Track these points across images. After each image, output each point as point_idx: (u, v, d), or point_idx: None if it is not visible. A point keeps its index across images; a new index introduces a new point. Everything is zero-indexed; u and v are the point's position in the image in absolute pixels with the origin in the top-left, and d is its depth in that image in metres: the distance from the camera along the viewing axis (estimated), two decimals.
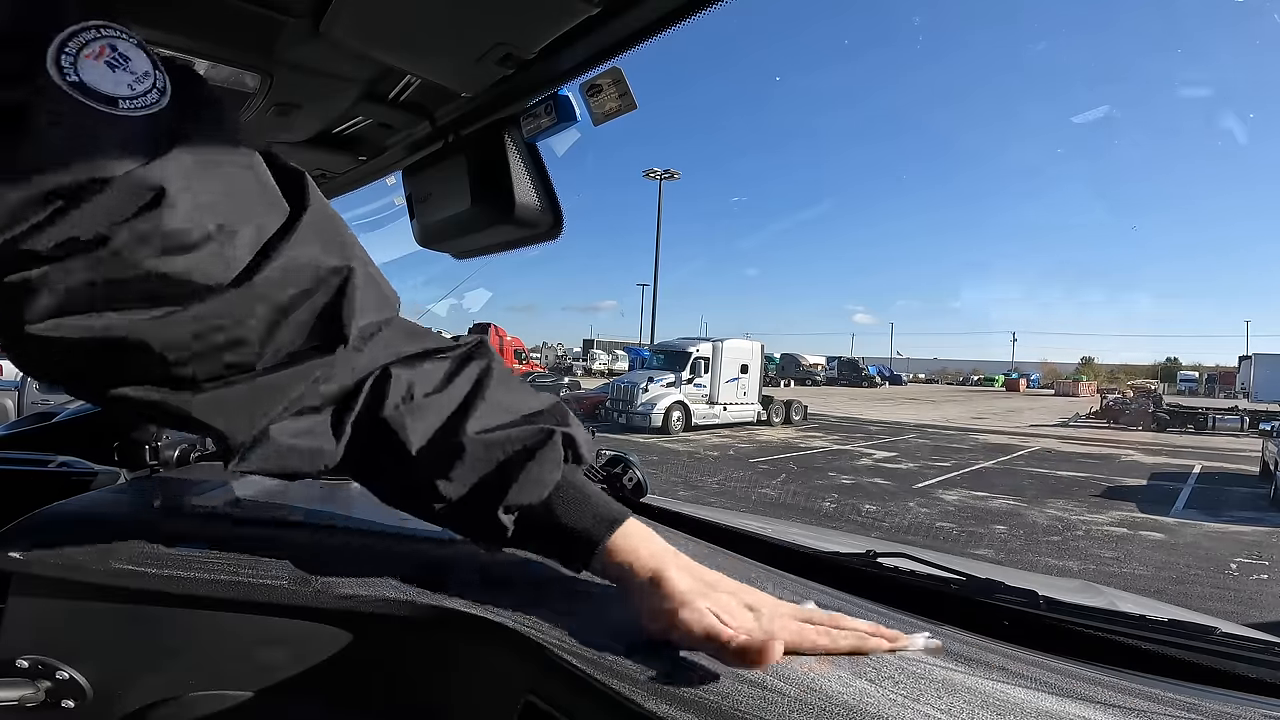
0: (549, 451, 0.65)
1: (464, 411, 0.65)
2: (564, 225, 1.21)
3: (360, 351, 0.62)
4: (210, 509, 0.86)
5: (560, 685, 0.60)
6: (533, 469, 0.64)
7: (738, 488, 11.10)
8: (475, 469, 0.64)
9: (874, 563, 0.90)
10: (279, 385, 0.58)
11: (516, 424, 0.66)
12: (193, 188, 0.51)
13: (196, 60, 0.98)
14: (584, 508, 0.67)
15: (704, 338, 20.98)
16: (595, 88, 1.02)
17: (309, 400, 0.60)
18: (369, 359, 0.62)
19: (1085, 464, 15.04)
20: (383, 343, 0.64)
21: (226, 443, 0.59)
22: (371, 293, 0.61)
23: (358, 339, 0.60)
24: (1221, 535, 8.92)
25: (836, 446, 17.03)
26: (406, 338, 0.66)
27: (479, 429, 0.64)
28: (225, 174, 0.55)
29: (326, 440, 0.62)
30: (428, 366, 0.66)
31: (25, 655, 0.68)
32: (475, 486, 0.64)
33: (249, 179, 0.57)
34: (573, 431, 0.68)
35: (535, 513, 0.66)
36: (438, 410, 0.64)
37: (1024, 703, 0.55)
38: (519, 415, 0.67)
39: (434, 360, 0.67)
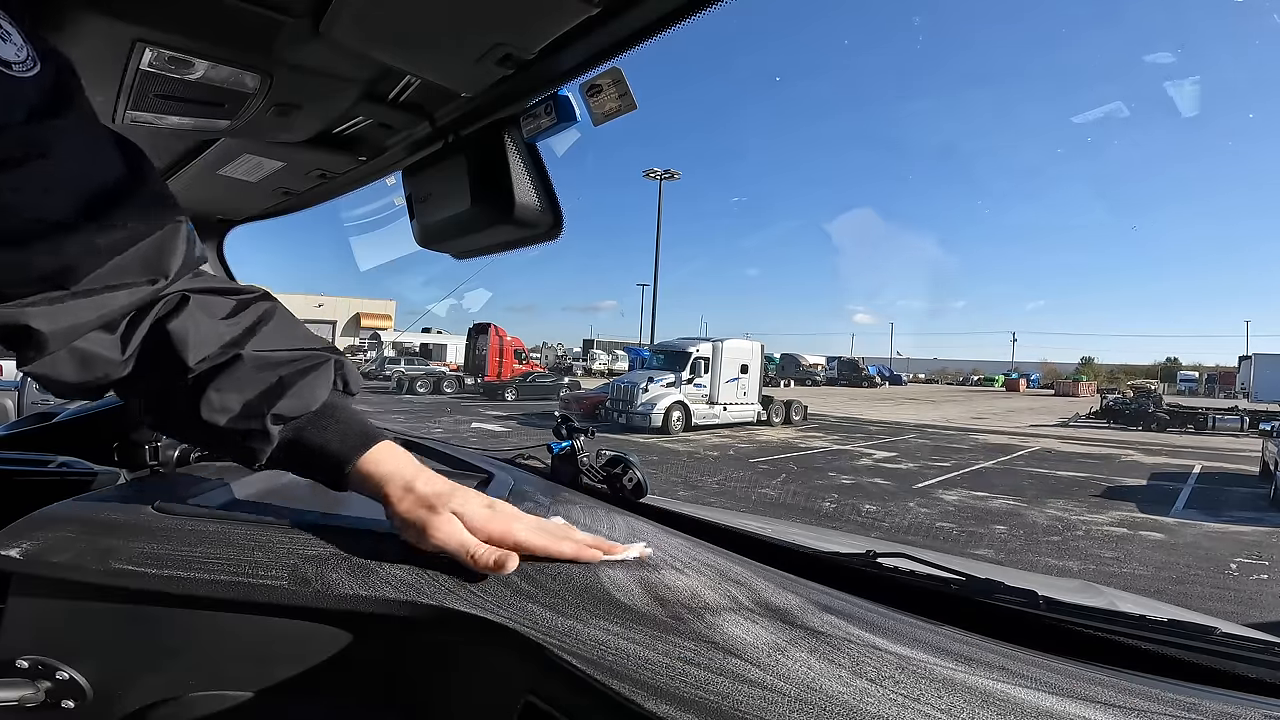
0: (320, 374, 0.76)
1: (245, 336, 0.75)
2: (564, 226, 1.21)
3: (169, 283, 0.73)
4: (210, 509, 0.85)
5: (560, 685, 0.60)
6: (303, 386, 0.74)
7: (738, 488, 11.10)
8: (249, 382, 0.72)
9: (874, 563, 0.90)
10: (101, 303, 0.68)
11: (292, 350, 0.76)
12: (65, 145, 0.64)
13: (196, 60, 0.98)
14: (345, 430, 0.76)
15: (704, 338, 20.99)
16: (595, 88, 1.02)
17: (113, 317, 0.70)
18: (173, 289, 0.73)
19: (1085, 464, 15.04)
20: (186, 281, 0.74)
21: (41, 339, 0.66)
22: (188, 246, 0.74)
23: (173, 277, 0.72)
24: (1221, 535, 8.93)
25: (836, 446, 17.02)
26: (208, 281, 0.77)
27: (256, 349, 0.74)
28: (88, 138, 0.68)
29: (114, 350, 0.71)
30: (220, 300, 0.76)
31: (25, 655, 0.68)
32: (248, 401, 0.72)
33: (105, 143, 0.71)
34: (345, 363, 0.78)
35: (301, 433, 0.75)
36: (219, 332, 0.74)
37: (1024, 702, 0.55)
38: (296, 346, 0.77)
39: (227, 297, 0.77)
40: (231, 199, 1.76)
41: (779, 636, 0.67)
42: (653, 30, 0.88)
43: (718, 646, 0.63)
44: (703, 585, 0.77)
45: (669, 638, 0.65)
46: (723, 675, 0.57)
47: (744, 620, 0.70)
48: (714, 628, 0.68)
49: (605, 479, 1.28)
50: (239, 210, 1.89)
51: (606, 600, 0.71)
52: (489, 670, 0.68)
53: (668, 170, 37.31)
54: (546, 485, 1.23)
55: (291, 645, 0.71)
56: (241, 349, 0.73)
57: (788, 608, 0.74)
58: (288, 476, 1.04)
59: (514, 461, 1.42)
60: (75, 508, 0.85)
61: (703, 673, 0.58)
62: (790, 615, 0.72)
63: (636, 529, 1.03)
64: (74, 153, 0.67)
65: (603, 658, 0.59)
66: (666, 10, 0.84)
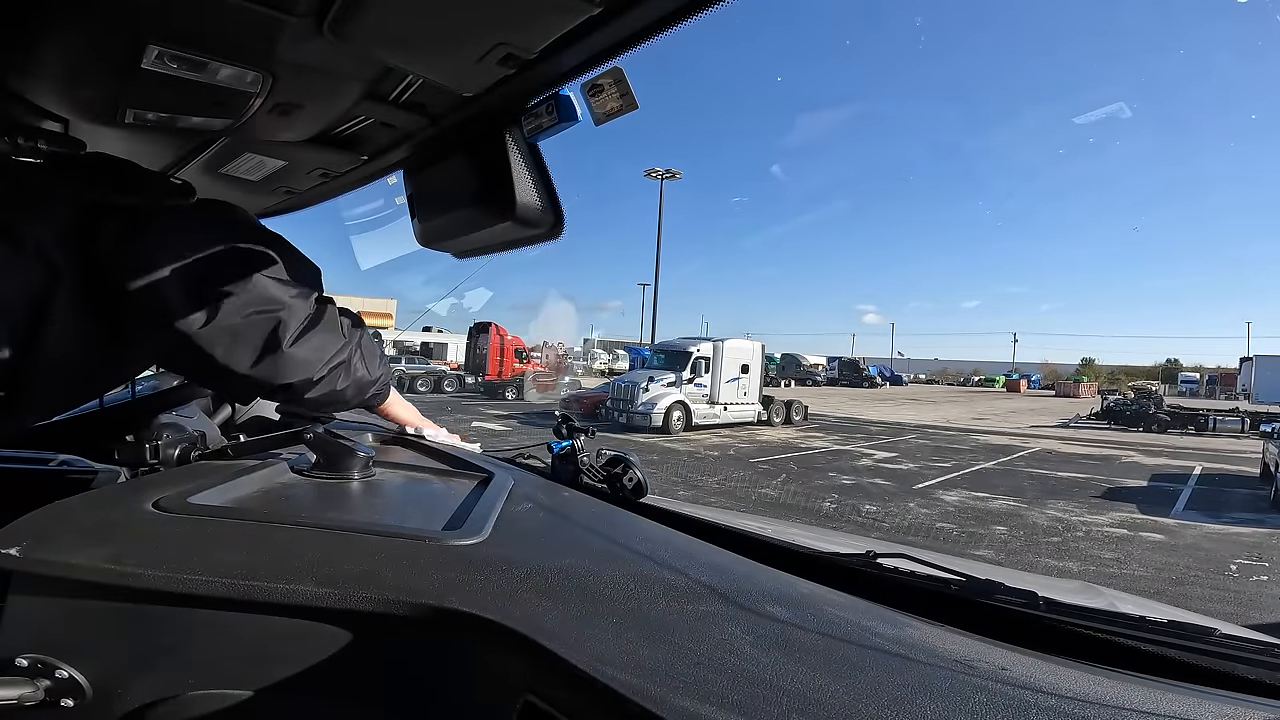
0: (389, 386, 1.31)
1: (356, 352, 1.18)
2: (565, 225, 1.21)
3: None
4: (210, 508, 0.86)
5: (560, 685, 0.60)
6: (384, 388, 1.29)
7: (738, 488, 11.10)
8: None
9: (874, 563, 0.90)
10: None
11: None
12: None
13: (200, 59, 0.98)
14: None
15: (704, 337, 20.98)
16: (596, 87, 1.02)
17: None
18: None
19: (1086, 465, 15.04)
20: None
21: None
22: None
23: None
24: (1221, 537, 8.92)
25: (837, 447, 17.02)
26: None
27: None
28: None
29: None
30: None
31: (25, 654, 0.68)
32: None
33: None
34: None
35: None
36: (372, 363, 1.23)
37: (1024, 703, 0.55)
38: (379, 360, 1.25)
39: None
40: (233, 198, 1.75)
41: (779, 636, 0.68)
42: (654, 30, 0.88)
43: (717, 646, 0.63)
44: (703, 585, 0.77)
45: (668, 637, 0.65)
46: (722, 674, 0.57)
47: (744, 620, 0.71)
48: (713, 627, 0.68)
49: (605, 478, 1.29)
50: None
51: (606, 600, 0.71)
52: (489, 670, 0.68)
53: (669, 170, 37.31)
54: (547, 485, 1.23)
55: (291, 644, 0.71)
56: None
57: (788, 608, 0.74)
58: (287, 476, 1.04)
59: (514, 461, 1.42)
60: (75, 506, 0.85)
61: (702, 672, 0.58)
62: (790, 615, 0.72)
63: (637, 528, 1.03)
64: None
65: (602, 657, 0.59)
66: (667, 10, 0.84)
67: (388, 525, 0.87)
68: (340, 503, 0.98)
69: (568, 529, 0.99)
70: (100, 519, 0.81)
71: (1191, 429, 24.00)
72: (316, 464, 1.05)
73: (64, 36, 0.97)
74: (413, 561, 0.75)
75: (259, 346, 1.05)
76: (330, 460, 1.04)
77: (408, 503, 1.06)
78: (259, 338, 1.05)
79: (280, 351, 1.06)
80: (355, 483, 1.03)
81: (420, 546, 0.80)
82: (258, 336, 1.04)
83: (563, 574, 0.76)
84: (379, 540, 0.81)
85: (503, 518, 0.91)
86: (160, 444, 1.13)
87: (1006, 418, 27.91)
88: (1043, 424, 25.35)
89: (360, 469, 1.04)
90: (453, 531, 0.84)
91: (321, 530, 0.82)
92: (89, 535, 0.76)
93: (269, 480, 1.01)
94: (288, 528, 0.82)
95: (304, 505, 0.96)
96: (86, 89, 1.10)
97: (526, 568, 0.76)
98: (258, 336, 1.04)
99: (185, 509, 0.83)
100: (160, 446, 1.13)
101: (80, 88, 1.10)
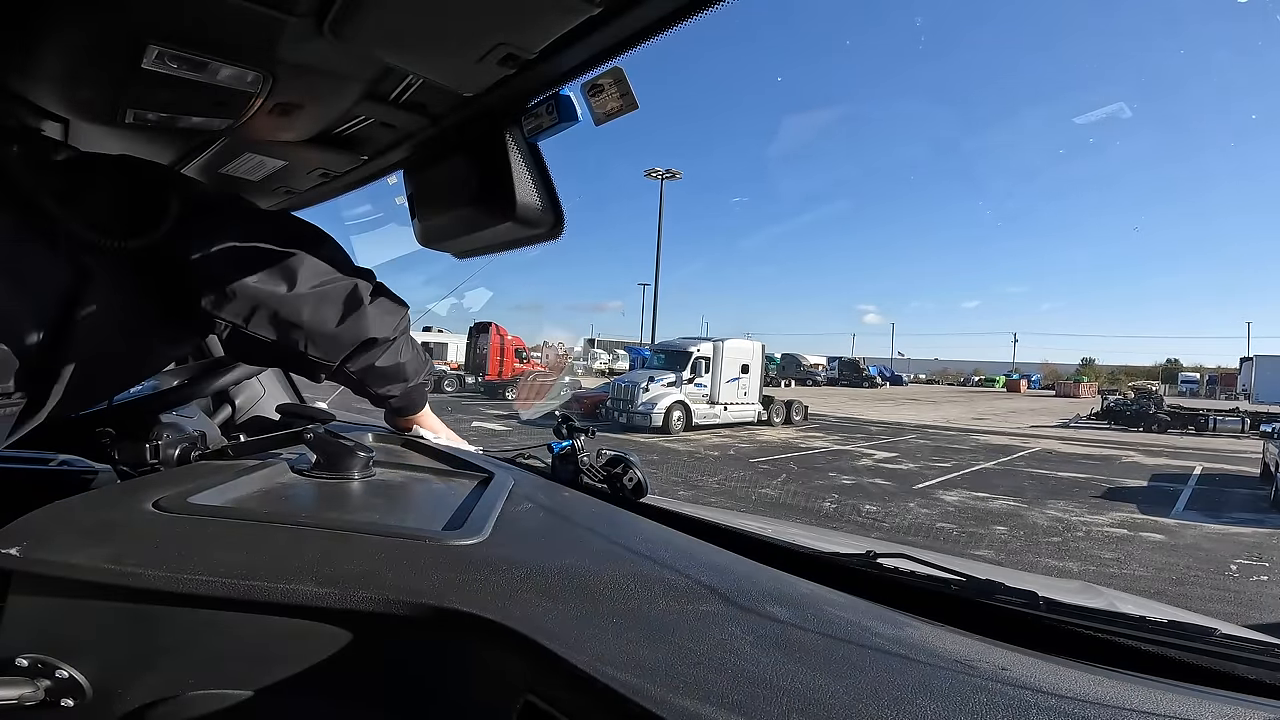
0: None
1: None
2: (565, 225, 1.21)
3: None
4: (210, 508, 0.86)
5: (560, 685, 0.60)
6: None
7: (738, 488, 11.10)
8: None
9: (874, 563, 0.90)
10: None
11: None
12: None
13: (200, 58, 0.98)
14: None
15: (705, 337, 20.98)
16: (597, 87, 1.02)
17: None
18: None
19: (1086, 465, 15.04)
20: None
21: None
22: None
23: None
24: (1222, 537, 8.93)
25: (837, 447, 17.02)
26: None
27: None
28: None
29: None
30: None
31: (25, 654, 0.68)
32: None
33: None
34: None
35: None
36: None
37: (1024, 703, 0.55)
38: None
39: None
40: None
41: (779, 636, 0.68)
42: (654, 30, 0.88)
43: (717, 646, 0.63)
44: (703, 585, 0.77)
45: (668, 637, 0.65)
46: (722, 674, 0.57)
47: (744, 620, 0.71)
48: (713, 627, 0.68)
49: (605, 478, 1.29)
50: None
51: (606, 600, 0.71)
52: (489, 670, 0.68)
53: (669, 170, 37.30)
54: (547, 485, 1.23)
55: (291, 644, 0.71)
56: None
57: (788, 608, 0.74)
58: (288, 476, 1.04)
59: (514, 461, 1.42)
60: (75, 506, 0.85)
61: (702, 672, 0.58)
62: (790, 615, 0.72)
63: (637, 528, 1.03)
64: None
65: (603, 657, 0.59)
66: (667, 10, 0.84)
67: (388, 525, 0.87)
68: (340, 503, 0.98)
69: (568, 529, 0.99)
70: (100, 519, 0.81)
71: (1191, 429, 23.98)
72: (317, 464, 1.05)
73: (64, 36, 0.97)
74: (413, 561, 0.75)
75: (341, 305, 1.13)
76: (330, 460, 1.04)
77: (408, 503, 1.06)
78: (340, 297, 1.13)
79: (363, 309, 1.15)
80: (355, 483, 1.03)
81: (420, 546, 0.80)
82: (339, 296, 1.13)
83: (563, 574, 0.76)
84: (379, 540, 0.81)
85: (503, 518, 0.91)
86: (160, 444, 1.13)
87: (1006, 418, 27.91)
88: (1043, 424, 25.35)
89: (360, 469, 1.04)
90: (453, 531, 0.84)
91: (321, 530, 0.82)
92: (89, 535, 0.76)
93: (269, 480, 1.01)
94: (288, 528, 0.82)
95: (304, 505, 0.96)
96: (86, 89, 1.10)
97: (527, 568, 0.76)
98: (339, 296, 1.13)
99: (185, 509, 0.84)
100: (160, 446, 1.13)
101: (80, 88, 1.10)
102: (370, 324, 1.16)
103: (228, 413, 1.84)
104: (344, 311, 1.13)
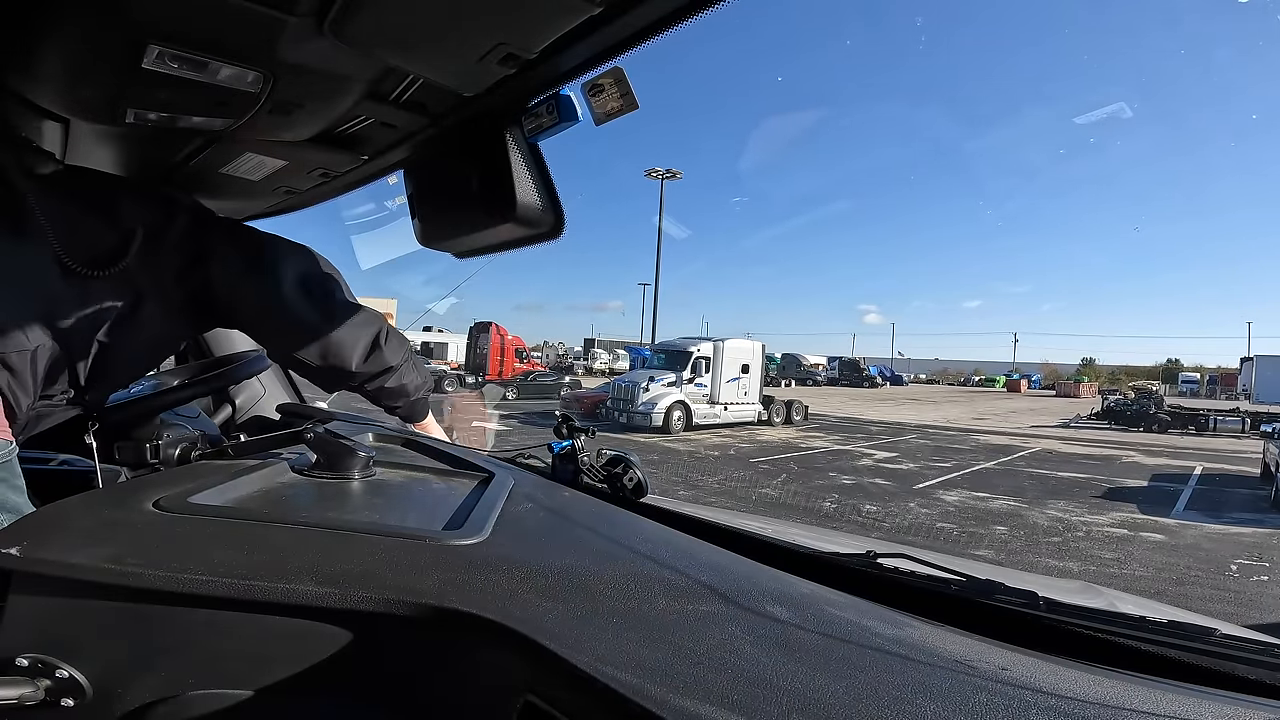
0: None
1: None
2: (565, 225, 1.21)
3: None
4: (210, 508, 0.86)
5: (560, 685, 0.60)
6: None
7: (738, 488, 11.10)
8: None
9: (874, 563, 0.90)
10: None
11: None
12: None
13: (201, 58, 0.98)
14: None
15: (705, 337, 20.97)
16: (597, 87, 1.02)
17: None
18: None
19: (1086, 465, 15.03)
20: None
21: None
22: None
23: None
24: (1222, 537, 8.92)
25: (837, 447, 17.02)
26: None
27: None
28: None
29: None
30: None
31: (25, 654, 0.68)
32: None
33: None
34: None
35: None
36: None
37: (1024, 703, 0.55)
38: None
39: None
40: (234, 198, 1.76)
41: (779, 636, 0.68)
42: (654, 30, 0.88)
43: (717, 646, 0.63)
44: (703, 585, 0.77)
45: (669, 637, 0.65)
46: (722, 674, 0.57)
47: (744, 620, 0.71)
48: (714, 627, 0.68)
49: (606, 478, 1.29)
50: (241, 209, 1.89)
51: (606, 599, 0.71)
52: (489, 670, 0.68)
53: (669, 170, 37.27)
54: (547, 485, 1.23)
55: (291, 644, 0.71)
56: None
57: (788, 608, 0.74)
58: (288, 476, 1.04)
59: (515, 461, 1.42)
60: (76, 506, 0.85)
61: (702, 672, 0.58)
62: (790, 615, 0.72)
63: (637, 528, 1.03)
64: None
65: (603, 657, 0.59)
66: (668, 10, 0.84)
67: (388, 525, 0.87)
68: (340, 503, 0.98)
69: (568, 529, 0.99)
70: (100, 519, 0.81)
71: (1192, 429, 23.96)
72: (317, 464, 1.05)
73: (64, 36, 0.97)
74: (413, 561, 0.75)
75: (368, 346, 1.33)
76: (330, 460, 1.04)
77: (408, 502, 1.06)
78: (368, 339, 1.33)
79: (381, 344, 1.35)
80: (355, 482, 1.03)
81: (420, 546, 0.80)
82: (367, 338, 1.33)
83: (563, 574, 0.76)
84: (379, 540, 0.81)
85: (503, 518, 0.91)
86: (160, 444, 1.14)
87: (1007, 418, 27.90)
88: (1043, 424, 25.33)
89: (360, 469, 1.04)
90: (453, 531, 0.84)
91: (321, 530, 0.82)
92: (89, 535, 0.76)
93: (269, 480, 1.01)
94: (288, 527, 0.82)
95: (304, 505, 0.96)
96: (87, 89, 1.10)
97: (527, 568, 0.76)
98: (367, 338, 1.33)
99: (185, 509, 0.84)
100: (160, 446, 1.13)
101: (80, 88, 1.10)
102: (387, 355, 1.37)
103: (228, 413, 1.84)
104: (371, 346, 1.34)
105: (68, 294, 1.10)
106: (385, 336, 1.36)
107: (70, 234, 1.11)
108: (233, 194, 1.71)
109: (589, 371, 41.96)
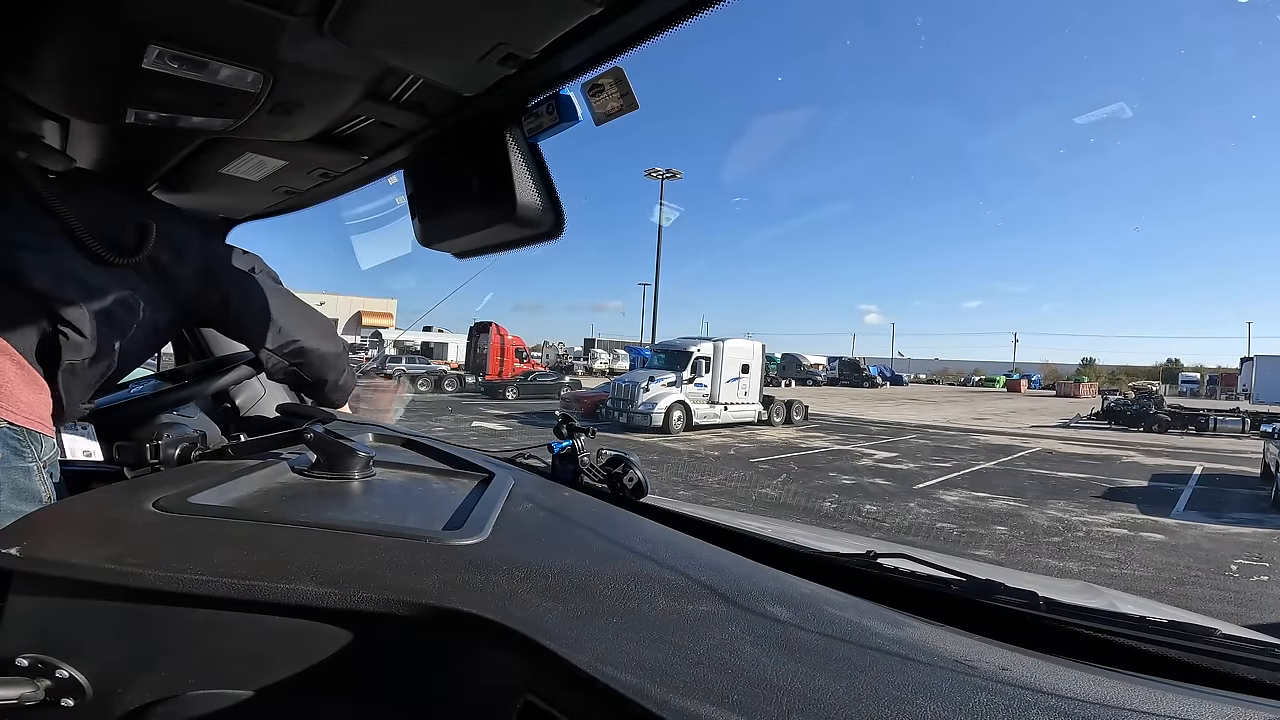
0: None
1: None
2: (565, 225, 1.21)
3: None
4: (210, 508, 0.86)
5: (560, 685, 0.60)
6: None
7: (738, 488, 11.09)
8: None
9: (874, 563, 0.90)
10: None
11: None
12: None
13: (201, 59, 0.98)
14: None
15: (705, 337, 20.96)
16: (597, 87, 1.02)
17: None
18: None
19: (1086, 465, 15.02)
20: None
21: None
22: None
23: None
24: (1222, 537, 8.91)
25: (837, 447, 17.01)
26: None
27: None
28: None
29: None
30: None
31: (25, 654, 0.68)
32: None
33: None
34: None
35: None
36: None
37: (1024, 703, 0.55)
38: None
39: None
40: (234, 198, 1.76)
41: (779, 636, 0.68)
42: (654, 30, 0.88)
43: (717, 646, 0.63)
44: (703, 585, 0.77)
45: (669, 637, 0.65)
46: (722, 674, 0.57)
47: (744, 620, 0.70)
48: (713, 627, 0.68)
49: (606, 478, 1.29)
50: (241, 209, 1.89)
51: (606, 600, 0.71)
52: (489, 670, 0.68)
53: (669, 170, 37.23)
54: (547, 484, 1.23)
55: (291, 644, 0.71)
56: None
57: (788, 608, 0.74)
58: (288, 476, 1.04)
59: (515, 461, 1.42)
60: (75, 506, 0.85)
61: (702, 672, 0.58)
62: (790, 615, 0.72)
63: (637, 528, 1.03)
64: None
65: (603, 657, 0.59)
66: (668, 10, 0.84)
67: (388, 525, 0.87)
68: (340, 503, 0.98)
69: (568, 529, 0.99)
70: (100, 519, 0.81)
71: (1192, 429, 23.95)
72: (316, 464, 1.05)
73: (64, 36, 0.97)
74: (413, 561, 0.75)
75: (341, 371, 1.57)
76: (330, 460, 1.04)
77: (408, 503, 1.06)
78: (341, 366, 1.58)
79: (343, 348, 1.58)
80: (355, 483, 1.03)
81: (420, 546, 0.80)
82: (340, 364, 1.57)
83: (563, 574, 0.76)
84: (379, 540, 0.81)
85: (503, 518, 0.91)
86: (160, 444, 1.13)
87: (1007, 418, 27.89)
88: (1043, 424, 25.32)
89: (360, 469, 1.04)
90: (453, 531, 0.84)
91: (321, 530, 0.82)
92: (89, 535, 0.76)
93: (269, 480, 1.01)
94: (288, 528, 0.82)
95: (304, 505, 0.96)
96: (87, 89, 1.10)
97: (527, 568, 0.76)
98: (340, 364, 1.57)
99: (185, 509, 0.84)
100: (160, 446, 1.13)
101: (80, 88, 1.10)
102: (350, 382, 1.63)
103: (228, 413, 1.84)
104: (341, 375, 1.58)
105: (107, 282, 1.17)
106: (346, 348, 1.58)
107: (93, 226, 1.17)
108: (232, 194, 1.71)
109: (589, 371, 41.96)
